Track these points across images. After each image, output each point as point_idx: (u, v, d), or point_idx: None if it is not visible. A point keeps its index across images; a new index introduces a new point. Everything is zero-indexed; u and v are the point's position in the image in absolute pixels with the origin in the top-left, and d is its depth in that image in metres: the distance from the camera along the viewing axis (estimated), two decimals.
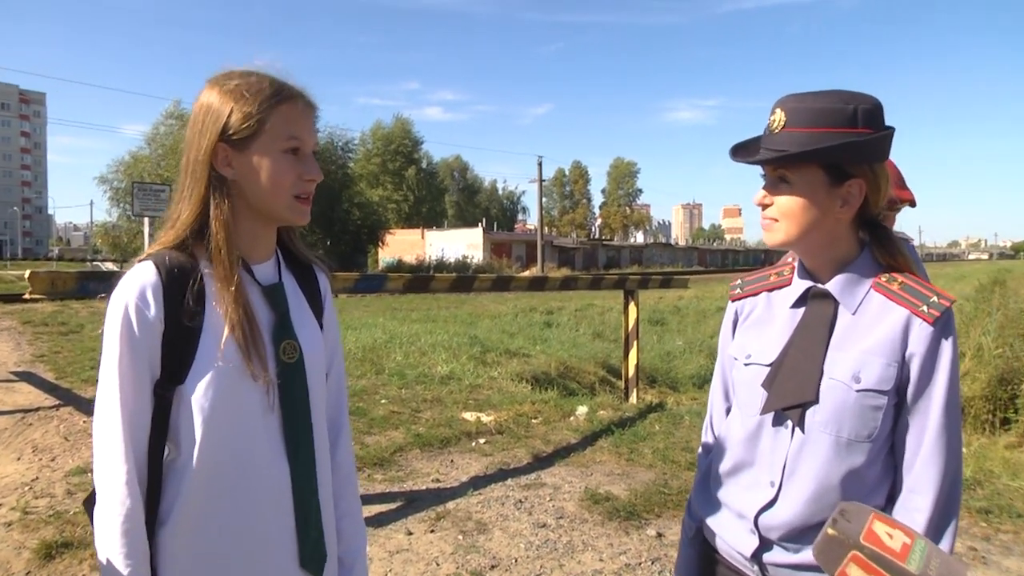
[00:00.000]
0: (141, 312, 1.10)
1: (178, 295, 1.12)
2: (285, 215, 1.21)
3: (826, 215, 1.26)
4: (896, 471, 1.29)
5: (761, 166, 1.32)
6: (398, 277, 5.23)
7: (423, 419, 5.94)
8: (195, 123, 1.19)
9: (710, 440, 1.55)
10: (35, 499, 4.00)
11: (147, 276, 1.12)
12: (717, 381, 1.55)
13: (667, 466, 4.81)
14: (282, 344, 1.21)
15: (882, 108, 1.26)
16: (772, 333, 1.37)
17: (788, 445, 1.30)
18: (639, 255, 74.18)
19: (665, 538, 3.67)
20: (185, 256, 1.16)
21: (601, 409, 6.47)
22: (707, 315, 18.82)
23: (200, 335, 1.13)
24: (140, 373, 1.10)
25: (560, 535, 3.69)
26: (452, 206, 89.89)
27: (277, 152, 1.17)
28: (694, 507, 1.53)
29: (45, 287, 3.31)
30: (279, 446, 1.20)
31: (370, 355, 8.78)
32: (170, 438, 1.14)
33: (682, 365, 11.57)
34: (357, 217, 38.25)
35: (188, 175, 1.18)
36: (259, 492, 1.17)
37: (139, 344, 1.10)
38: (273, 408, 1.18)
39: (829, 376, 1.26)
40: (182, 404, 1.12)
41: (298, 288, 1.31)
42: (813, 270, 1.35)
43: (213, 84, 1.19)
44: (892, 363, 1.23)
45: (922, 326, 1.22)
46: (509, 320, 14.46)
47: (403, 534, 3.65)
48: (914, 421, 1.24)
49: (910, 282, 1.27)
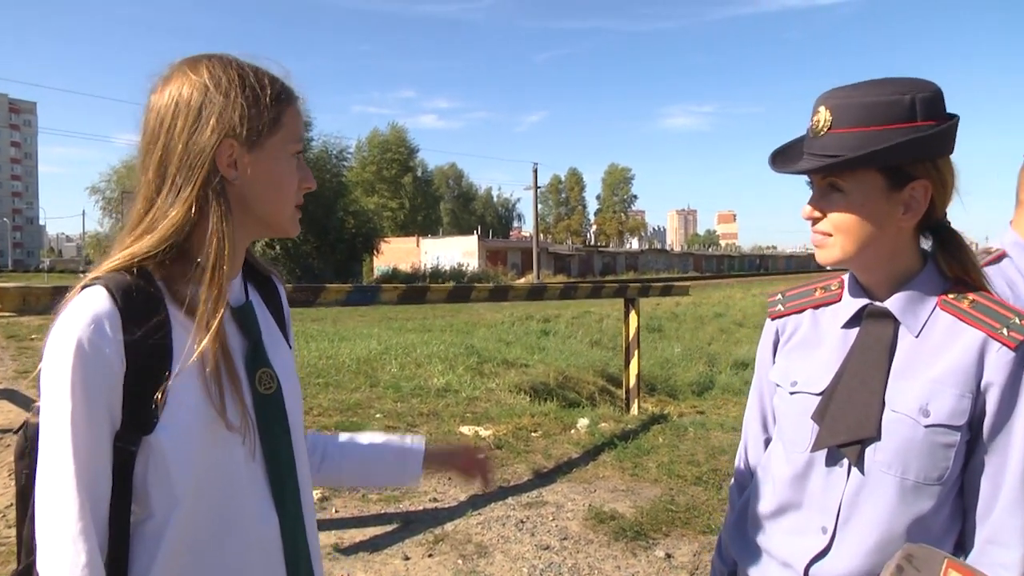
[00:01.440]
0: (97, 350, 0.88)
1: (139, 326, 0.91)
2: (286, 226, 1.07)
3: (887, 225, 1.09)
4: (965, 517, 1.11)
5: (808, 175, 1.15)
6: (392, 288, 5.04)
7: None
8: (184, 110, 0.97)
9: (745, 474, 1.38)
10: (8, 528, 3.77)
11: (100, 304, 0.90)
12: (754, 408, 1.37)
13: (673, 481, 4.63)
14: (257, 373, 1.03)
15: (942, 94, 1.09)
16: (821, 357, 1.20)
17: (843, 487, 1.12)
18: (635, 261, 74.13)
19: (675, 559, 3.50)
20: (141, 275, 0.95)
21: (602, 421, 6.29)
22: (704, 321, 18.68)
23: (170, 374, 0.92)
24: (98, 425, 0.88)
25: (564, 558, 3.51)
26: (447, 214, 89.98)
27: (287, 154, 1.03)
28: (727, 549, 1.36)
29: (16, 304, 3.11)
30: (265, 493, 1.02)
31: (364, 367, 8.57)
32: (136, 498, 0.93)
33: (681, 373, 11.41)
34: (352, 225, 38.01)
35: (173, 172, 0.96)
36: (247, 551, 0.99)
37: (95, 389, 0.88)
38: (255, 453, 1.00)
39: (892, 408, 1.09)
40: (151, 457, 0.91)
41: (263, 305, 1.13)
42: (868, 286, 1.17)
43: (205, 66, 0.99)
44: (966, 394, 1.06)
45: (1001, 352, 1.05)
46: (506, 328, 14.27)
47: (400, 559, 3.47)
48: (991, 460, 1.07)
49: (984, 301, 1.09)
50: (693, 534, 3.80)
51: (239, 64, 1.02)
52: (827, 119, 1.10)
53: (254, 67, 1.03)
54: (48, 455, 0.88)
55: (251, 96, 0.99)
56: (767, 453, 1.31)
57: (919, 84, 1.08)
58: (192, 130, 0.96)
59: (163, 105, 0.99)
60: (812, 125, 1.14)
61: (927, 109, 1.06)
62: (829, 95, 1.13)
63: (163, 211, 0.97)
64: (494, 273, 47.87)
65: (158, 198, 0.98)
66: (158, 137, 0.98)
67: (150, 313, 0.93)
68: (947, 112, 1.09)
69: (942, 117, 1.08)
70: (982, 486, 1.08)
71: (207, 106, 0.97)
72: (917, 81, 1.09)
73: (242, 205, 1.01)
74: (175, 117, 0.97)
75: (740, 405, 9.53)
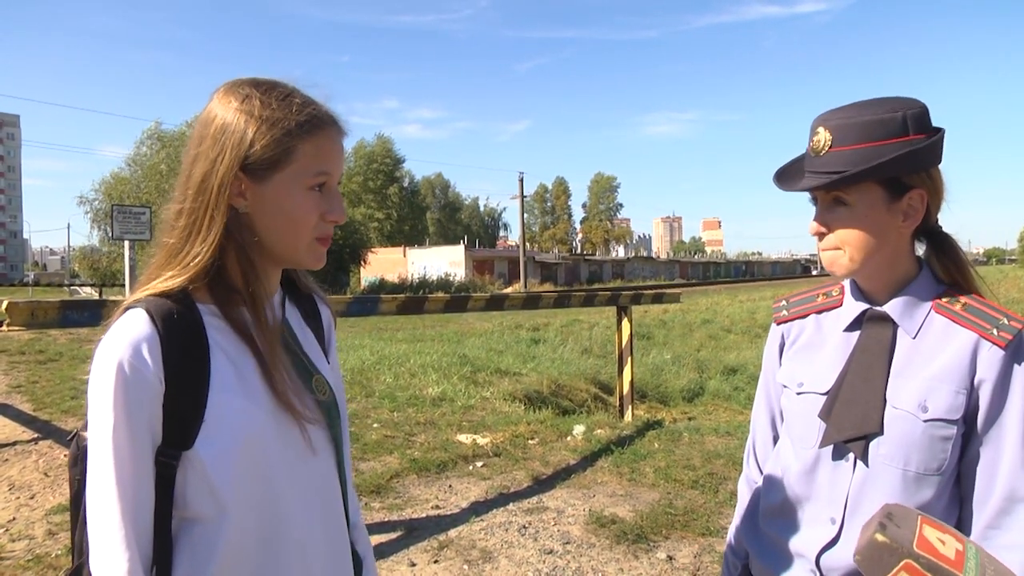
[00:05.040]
0: (137, 372, 0.92)
1: (178, 348, 0.96)
2: (301, 259, 1.05)
3: (889, 233, 1.18)
4: (962, 505, 1.20)
5: (810, 192, 1.24)
6: (391, 299, 5.09)
7: (418, 443, 5.79)
8: (209, 141, 1.00)
9: (755, 471, 1.46)
10: (12, 542, 3.79)
11: (141, 328, 0.94)
12: (761, 408, 1.46)
13: (670, 485, 4.71)
14: (312, 381, 1.10)
15: (928, 110, 1.18)
16: (825, 359, 1.28)
17: (850, 479, 1.20)
18: (621, 269, 74.37)
19: (676, 561, 3.57)
20: (181, 298, 0.99)
21: (598, 428, 6.36)
22: (693, 328, 18.83)
23: (208, 393, 0.97)
24: (140, 443, 0.93)
25: (568, 561, 3.57)
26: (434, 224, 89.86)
27: (302, 188, 1.01)
28: (739, 543, 1.43)
29: (24, 318, 3.15)
30: (333, 495, 1.10)
31: (359, 377, 8.61)
32: (177, 507, 0.98)
33: (672, 379, 11.51)
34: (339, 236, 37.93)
35: (201, 206, 0.99)
36: (302, 556, 1.05)
37: (136, 409, 0.92)
38: (317, 453, 1.07)
39: (893, 405, 1.17)
40: (190, 471, 0.96)
41: (303, 323, 1.17)
42: (868, 291, 1.26)
43: (234, 94, 1.02)
44: (961, 390, 1.14)
45: (992, 350, 1.14)
46: (496, 338, 14.32)
47: (406, 565, 3.52)
48: (985, 452, 1.15)
49: (975, 303, 1.18)
50: (693, 536, 3.87)
51: (267, 88, 1.03)
52: (828, 139, 1.19)
53: (285, 90, 1.03)
54: (94, 468, 0.93)
55: (269, 125, 0.99)
56: (775, 450, 1.39)
57: (908, 102, 1.18)
58: (215, 160, 0.99)
59: (197, 135, 1.03)
60: (812, 145, 1.22)
61: (917, 124, 1.16)
62: (827, 116, 1.21)
63: (194, 243, 1.00)
64: (481, 283, 47.82)
65: (192, 228, 1.01)
66: (190, 166, 1.02)
67: (189, 336, 0.97)
68: (934, 126, 1.19)
69: (930, 130, 1.17)
70: (978, 476, 1.16)
71: (227, 136, 0.99)
72: (905, 99, 1.19)
73: (254, 234, 1.03)
74: (202, 145, 1.01)
75: (731, 410, 9.65)
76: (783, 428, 1.37)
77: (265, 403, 1.01)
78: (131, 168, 37.75)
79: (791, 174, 1.28)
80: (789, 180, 1.27)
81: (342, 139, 1.07)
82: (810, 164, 1.22)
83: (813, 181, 1.20)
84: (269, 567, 1.02)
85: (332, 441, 1.10)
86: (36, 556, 3.57)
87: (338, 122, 1.06)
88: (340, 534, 1.12)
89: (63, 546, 3.66)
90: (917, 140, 1.15)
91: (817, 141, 1.21)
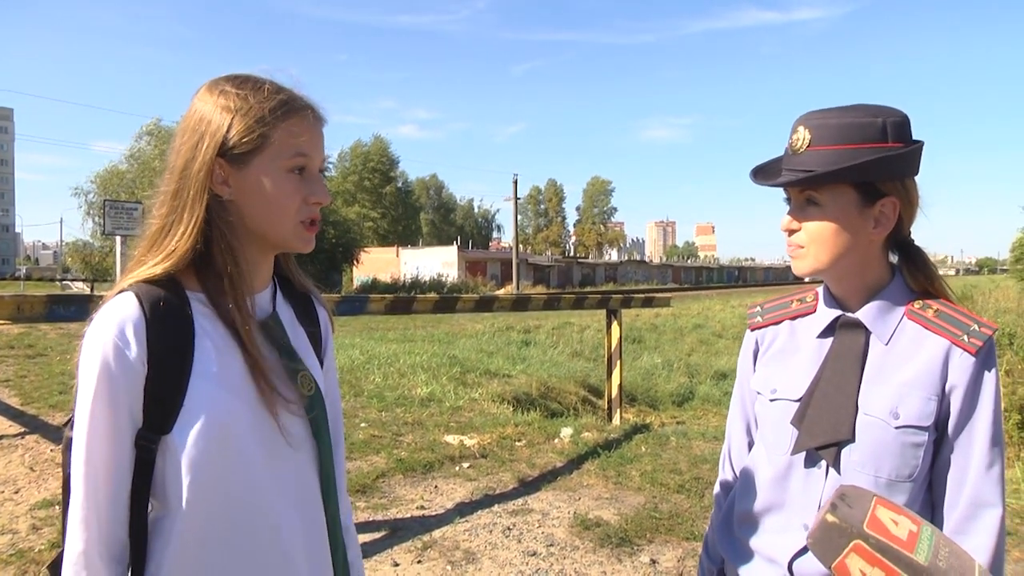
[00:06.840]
0: (120, 353, 0.96)
1: (163, 333, 0.98)
2: (289, 242, 1.09)
3: (859, 237, 1.19)
4: (934, 509, 1.21)
5: (785, 189, 1.25)
6: (379, 299, 5.10)
7: (405, 443, 5.79)
8: (189, 133, 1.04)
9: (730, 477, 1.47)
10: None
11: (128, 311, 0.98)
12: (736, 414, 1.47)
13: (656, 489, 4.73)
14: (297, 376, 1.11)
15: (910, 121, 1.20)
16: (798, 365, 1.30)
17: (822, 486, 1.22)
18: (614, 272, 74.39)
19: (659, 565, 3.58)
20: (170, 286, 1.03)
21: (585, 431, 6.37)
22: (684, 332, 18.85)
23: (189, 379, 0.99)
24: (118, 422, 0.96)
25: (552, 563, 3.58)
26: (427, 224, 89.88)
27: (280, 171, 1.04)
28: (714, 548, 1.44)
29: (10, 312, 3.14)
30: (294, 491, 1.09)
31: (348, 376, 8.60)
32: (154, 493, 1.01)
33: (662, 384, 11.54)
34: (332, 235, 37.81)
35: (181, 193, 1.03)
36: (270, 542, 1.06)
37: (117, 390, 0.96)
38: (295, 445, 1.08)
39: (865, 412, 1.19)
40: (168, 455, 0.98)
41: (295, 320, 1.19)
42: (841, 297, 1.28)
43: (211, 89, 1.06)
44: (932, 397, 1.16)
45: (963, 357, 1.15)
46: (487, 339, 14.32)
47: (389, 565, 3.52)
48: (955, 459, 1.17)
49: (946, 310, 1.20)
50: (677, 540, 3.89)
51: (243, 80, 1.07)
52: (806, 138, 1.20)
53: (259, 81, 1.07)
54: (74, 443, 0.97)
55: (244, 113, 1.03)
56: (750, 456, 1.41)
57: (889, 110, 1.19)
58: (194, 151, 1.03)
59: (179, 128, 1.07)
60: (791, 143, 1.23)
61: (896, 132, 1.17)
62: (808, 116, 1.22)
63: (175, 232, 1.04)
64: (473, 284, 47.80)
65: (172, 217, 1.04)
66: (173, 157, 1.06)
67: (175, 322, 1.00)
68: (913, 138, 1.20)
69: (909, 141, 1.19)
70: (948, 481, 1.17)
71: (205, 127, 1.03)
72: (887, 108, 1.20)
73: (240, 222, 1.06)
74: (183, 138, 1.05)
75: (720, 416, 9.67)
76: (757, 434, 1.38)
77: (245, 392, 1.03)
78: (128, 163, 37.68)
79: (769, 171, 1.29)
80: (766, 176, 1.28)
81: (320, 125, 1.10)
82: (787, 162, 1.24)
83: (789, 177, 1.21)
84: (243, 550, 1.03)
85: (314, 436, 1.11)
86: (19, 551, 3.56)
87: (313, 107, 1.09)
88: (318, 526, 1.13)
89: (47, 541, 3.65)
90: (894, 148, 1.16)
91: (796, 139, 1.22)
